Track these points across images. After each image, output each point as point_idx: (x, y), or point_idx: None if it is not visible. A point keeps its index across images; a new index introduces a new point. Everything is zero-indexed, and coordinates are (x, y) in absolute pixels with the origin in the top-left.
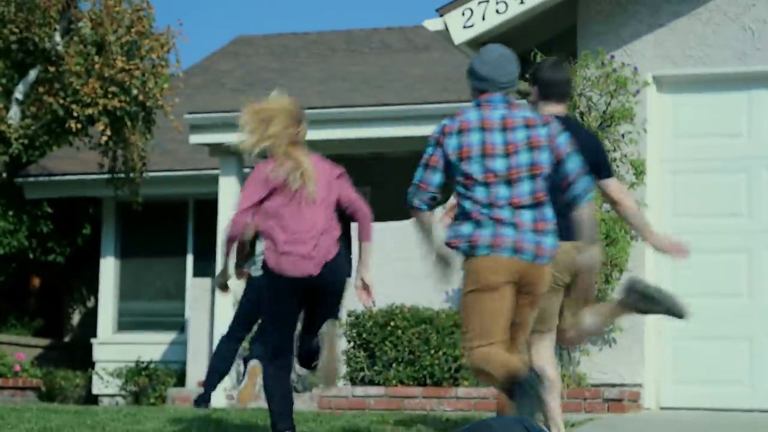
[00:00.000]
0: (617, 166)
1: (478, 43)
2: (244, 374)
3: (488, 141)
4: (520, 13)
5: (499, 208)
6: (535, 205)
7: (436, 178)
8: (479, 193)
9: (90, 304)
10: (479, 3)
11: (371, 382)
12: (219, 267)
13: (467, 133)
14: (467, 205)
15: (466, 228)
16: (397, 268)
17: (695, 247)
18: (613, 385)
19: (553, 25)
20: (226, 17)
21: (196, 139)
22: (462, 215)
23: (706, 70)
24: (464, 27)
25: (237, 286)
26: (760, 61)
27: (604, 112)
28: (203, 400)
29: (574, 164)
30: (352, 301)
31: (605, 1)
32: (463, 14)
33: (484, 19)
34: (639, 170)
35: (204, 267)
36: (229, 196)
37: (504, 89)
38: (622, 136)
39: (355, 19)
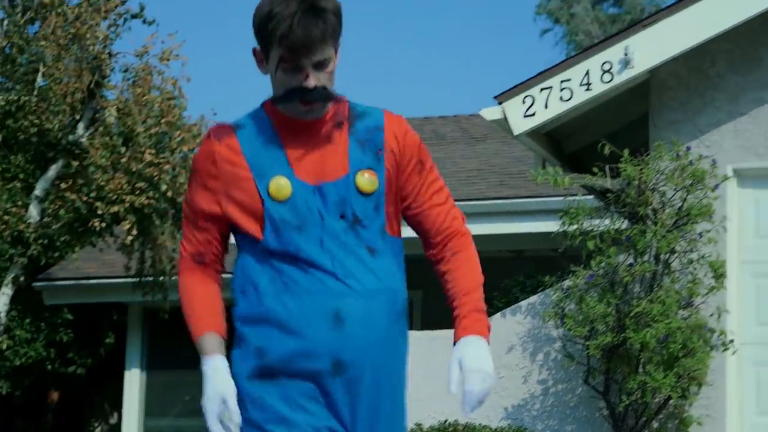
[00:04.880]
0: (694, 268)
1: (540, 134)
2: None
3: None
4: (586, 101)
5: None
6: None
7: None
8: None
9: (113, 420)
10: (541, 90)
11: None
12: None
13: None
14: None
15: None
16: None
17: None
18: None
19: (622, 113)
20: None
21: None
22: None
23: None
24: (525, 116)
25: None
26: None
27: (679, 208)
28: None
29: None
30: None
31: (680, 88)
32: (523, 102)
33: (546, 107)
34: (719, 273)
35: None
36: None
37: None
38: (700, 235)
39: (404, 107)
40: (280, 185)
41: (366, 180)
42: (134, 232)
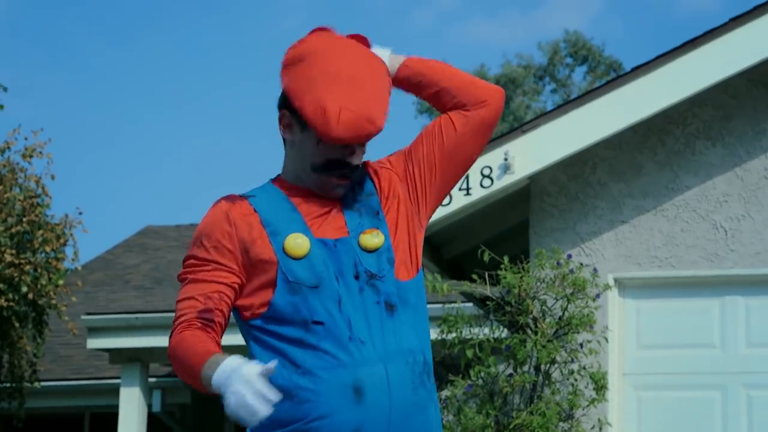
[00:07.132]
0: (575, 379)
1: None
2: None
3: None
4: (465, 206)
5: None
6: None
7: None
8: None
9: None
10: None
11: None
12: None
13: None
14: None
15: None
16: None
17: None
18: None
19: (503, 219)
20: (134, 206)
21: (94, 343)
22: None
23: (673, 273)
24: None
25: None
26: (734, 263)
27: (560, 318)
28: None
29: None
30: None
31: (561, 195)
32: None
33: None
34: (600, 384)
35: None
36: (132, 410)
37: None
38: (581, 345)
39: None
40: (298, 242)
41: (369, 238)
42: None
